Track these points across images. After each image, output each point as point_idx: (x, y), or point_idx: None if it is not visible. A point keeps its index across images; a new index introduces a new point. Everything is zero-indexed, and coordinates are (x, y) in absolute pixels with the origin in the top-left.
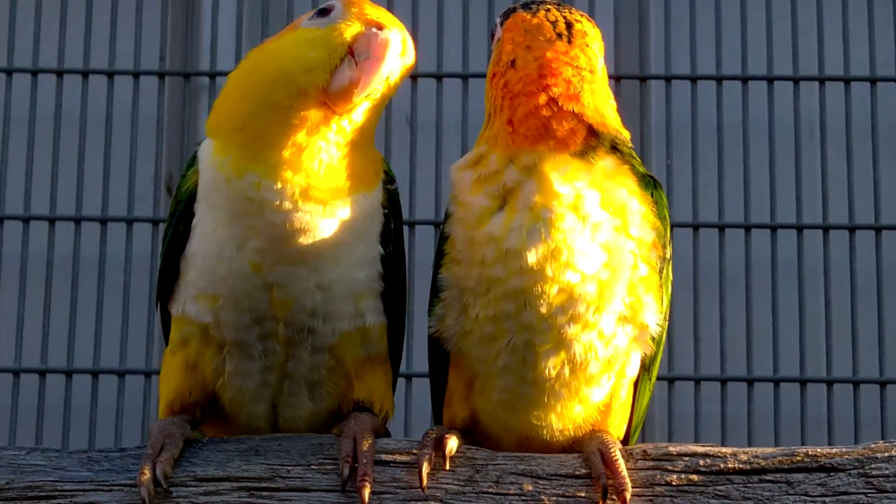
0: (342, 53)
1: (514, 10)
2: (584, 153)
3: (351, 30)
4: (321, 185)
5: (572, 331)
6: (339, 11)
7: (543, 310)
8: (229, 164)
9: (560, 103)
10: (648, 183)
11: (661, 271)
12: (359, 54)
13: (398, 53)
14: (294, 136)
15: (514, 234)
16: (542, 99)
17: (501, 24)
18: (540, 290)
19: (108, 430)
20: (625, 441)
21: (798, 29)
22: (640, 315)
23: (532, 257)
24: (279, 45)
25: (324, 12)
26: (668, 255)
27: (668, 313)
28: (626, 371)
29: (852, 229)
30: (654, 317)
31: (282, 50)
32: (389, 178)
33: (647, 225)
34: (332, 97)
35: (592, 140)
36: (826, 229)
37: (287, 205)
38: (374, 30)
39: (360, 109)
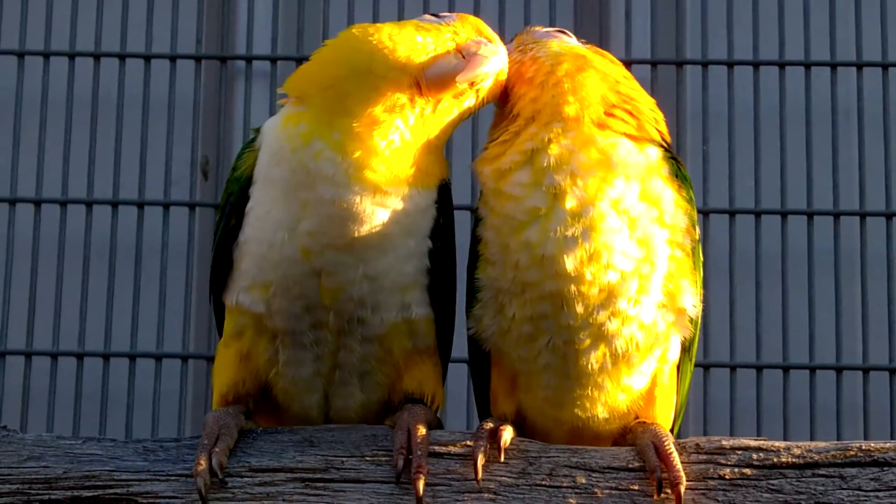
0: (451, 47)
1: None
2: (637, 139)
3: (465, 32)
4: (380, 169)
5: (613, 326)
6: (455, 18)
7: (581, 310)
8: (300, 133)
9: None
10: (673, 165)
11: (693, 253)
12: (466, 51)
13: (498, 69)
14: (374, 107)
15: (551, 240)
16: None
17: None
18: (577, 291)
19: (146, 414)
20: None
21: (836, 14)
22: (679, 300)
23: (570, 263)
24: (386, 24)
25: (438, 16)
26: (697, 236)
27: (702, 293)
28: (667, 356)
29: (889, 216)
30: (692, 299)
31: (389, 28)
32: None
33: (680, 210)
34: (429, 80)
35: (641, 127)
36: (863, 216)
37: (341, 180)
38: (485, 39)
39: (445, 105)
